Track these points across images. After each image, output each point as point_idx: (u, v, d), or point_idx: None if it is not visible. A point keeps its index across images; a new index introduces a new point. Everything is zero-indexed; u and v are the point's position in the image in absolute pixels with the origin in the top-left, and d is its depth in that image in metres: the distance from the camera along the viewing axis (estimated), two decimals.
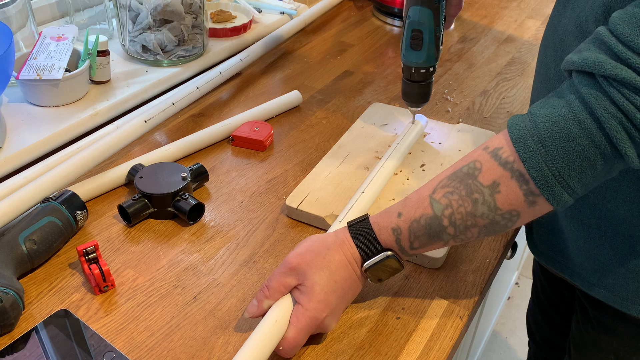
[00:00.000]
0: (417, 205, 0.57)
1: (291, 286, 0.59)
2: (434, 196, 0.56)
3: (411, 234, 0.57)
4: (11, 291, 0.60)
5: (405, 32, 0.80)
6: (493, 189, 0.53)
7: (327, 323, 0.59)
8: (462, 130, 0.91)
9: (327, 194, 0.77)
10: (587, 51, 0.49)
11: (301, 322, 0.57)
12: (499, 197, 0.52)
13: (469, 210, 0.54)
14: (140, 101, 0.97)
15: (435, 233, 0.56)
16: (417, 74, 0.82)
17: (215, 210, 0.78)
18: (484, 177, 0.53)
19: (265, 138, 0.89)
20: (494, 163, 0.53)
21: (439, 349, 0.61)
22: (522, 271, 1.92)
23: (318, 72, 1.11)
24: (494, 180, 0.52)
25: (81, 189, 0.77)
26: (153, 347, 0.60)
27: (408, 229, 0.57)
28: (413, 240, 0.58)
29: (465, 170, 0.55)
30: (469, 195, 0.54)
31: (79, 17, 1.09)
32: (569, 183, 0.50)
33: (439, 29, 0.78)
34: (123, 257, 0.70)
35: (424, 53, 0.79)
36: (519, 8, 1.43)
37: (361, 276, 0.60)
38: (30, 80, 0.88)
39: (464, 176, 0.54)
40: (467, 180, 0.54)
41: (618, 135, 0.47)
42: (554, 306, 0.99)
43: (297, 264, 0.58)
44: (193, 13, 1.04)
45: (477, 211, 0.54)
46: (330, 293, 0.58)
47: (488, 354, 1.74)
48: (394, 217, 0.58)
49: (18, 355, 0.58)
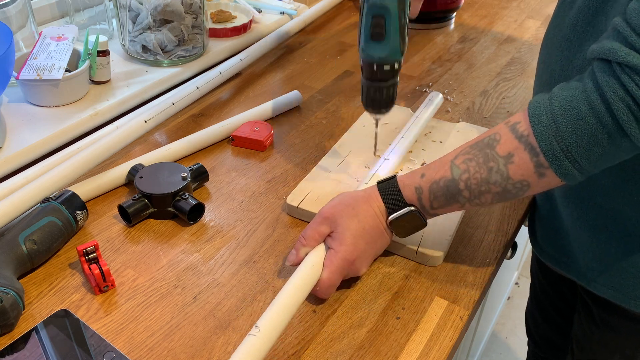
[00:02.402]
0: (438, 168, 0.62)
1: (325, 234, 0.65)
2: (454, 161, 0.61)
3: (431, 193, 0.62)
4: (11, 291, 0.60)
5: (364, 20, 0.67)
6: (507, 159, 0.57)
7: (358, 266, 0.65)
8: (463, 129, 0.91)
9: (328, 192, 0.77)
10: (605, 40, 0.52)
11: (334, 264, 0.63)
12: (512, 167, 0.57)
13: (483, 177, 0.58)
14: (140, 101, 0.97)
15: (452, 195, 0.61)
16: (379, 71, 0.69)
17: (215, 210, 0.78)
18: (501, 147, 0.57)
19: (265, 138, 0.89)
20: (511, 136, 0.57)
21: (439, 349, 0.61)
22: (522, 271, 1.92)
23: (318, 72, 1.11)
24: (509, 152, 0.57)
25: (82, 188, 0.77)
26: (153, 347, 0.60)
27: (429, 189, 0.62)
28: (432, 200, 0.62)
29: (486, 141, 0.59)
30: (485, 163, 0.58)
31: (79, 17, 1.09)
32: (576, 158, 0.53)
33: (404, 15, 0.67)
34: (123, 257, 0.70)
35: (388, 44, 0.67)
36: (519, 8, 1.43)
37: (387, 228, 0.65)
38: (30, 80, 0.88)
39: (483, 146, 0.59)
40: (486, 150, 0.58)
41: (624, 117, 0.50)
42: (554, 305, 0.99)
43: (329, 214, 0.64)
44: (193, 13, 1.04)
45: (491, 178, 0.58)
46: (359, 238, 0.63)
47: (488, 354, 1.74)
48: (417, 177, 0.63)
49: (18, 355, 0.58)
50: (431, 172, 0.62)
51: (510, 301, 1.90)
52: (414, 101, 1.03)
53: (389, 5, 0.65)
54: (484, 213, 0.78)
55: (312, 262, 0.63)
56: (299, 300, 0.59)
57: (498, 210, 0.79)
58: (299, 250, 0.65)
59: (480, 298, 0.67)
